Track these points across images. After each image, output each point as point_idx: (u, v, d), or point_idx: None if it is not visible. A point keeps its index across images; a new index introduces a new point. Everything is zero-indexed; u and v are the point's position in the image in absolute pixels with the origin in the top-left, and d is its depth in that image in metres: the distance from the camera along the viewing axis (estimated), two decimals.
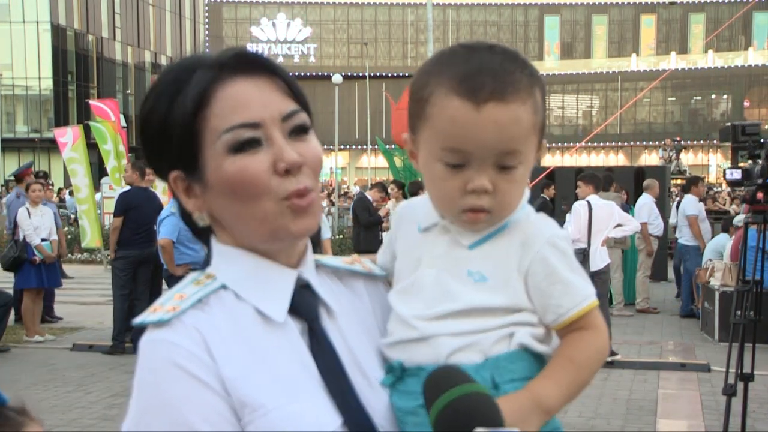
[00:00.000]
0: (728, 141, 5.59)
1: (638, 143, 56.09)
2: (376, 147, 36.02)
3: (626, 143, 56.32)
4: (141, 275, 9.11)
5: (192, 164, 1.19)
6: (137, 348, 1.17)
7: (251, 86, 1.17)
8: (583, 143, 40.70)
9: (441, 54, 1.24)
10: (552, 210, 12.75)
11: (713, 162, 51.55)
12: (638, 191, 12.59)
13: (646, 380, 7.74)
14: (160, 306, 1.16)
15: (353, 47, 61.47)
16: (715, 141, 49.41)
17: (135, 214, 8.96)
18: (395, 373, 1.23)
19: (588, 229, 8.31)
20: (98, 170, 19.22)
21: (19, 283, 9.81)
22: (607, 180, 11.17)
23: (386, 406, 1.22)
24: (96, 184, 16.32)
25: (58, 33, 46.07)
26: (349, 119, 55.02)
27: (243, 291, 1.20)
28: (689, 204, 11.61)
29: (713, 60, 56.93)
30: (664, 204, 13.51)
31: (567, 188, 12.84)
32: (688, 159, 41.04)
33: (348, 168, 56.14)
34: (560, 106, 59.49)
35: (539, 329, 1.24)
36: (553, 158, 50.60)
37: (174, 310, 1.14)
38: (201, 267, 1.28)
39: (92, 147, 15.44)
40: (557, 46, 61.09)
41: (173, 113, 1.17)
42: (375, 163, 49.56)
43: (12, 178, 12.38)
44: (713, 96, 58.10)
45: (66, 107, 46.46)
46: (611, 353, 8.16)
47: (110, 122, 14.90)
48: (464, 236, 1.25)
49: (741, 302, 5.37)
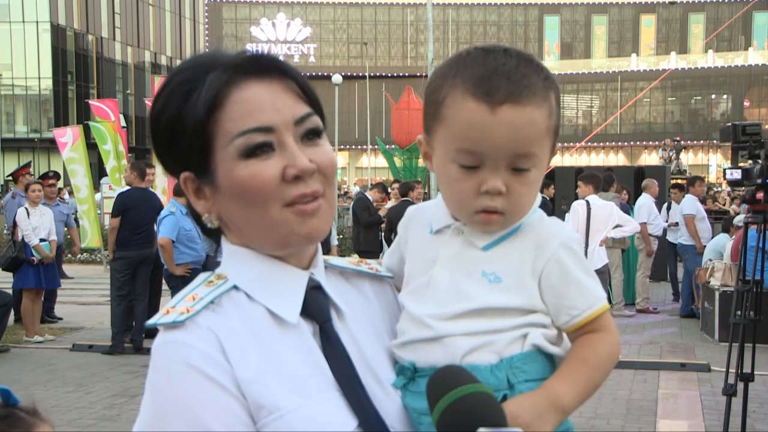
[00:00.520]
0: (729, 141, 5.59)
1: (638, 143, 56.11)
2: (376, 147, 36.03)
3: (626, 143, 56.34)
4: (140, 276, 9.08)
5: (203, 166, 1.18)
6: (137, 348, 1.16)
7: (264, 90, 1.17)
8: (583, 143, 40.71)
9: (457, 56, 1.24)
10: (552, 210, 12.76)
11: (713, 162, 51.54)
12: (638, 191, 12.59)
13: (646, 380, 7.73)
14: (173, 307, 1.16)
15: (353, 47, 61.48)
16: (716, 141, 49.45)
17: (133, 215, 8.91)
18: (407, 374, 1.23)
19: (586, 229, 8.32)
20: (98, 170, 19.22)
21: (18, 283, 9.80)
22: (608, 180, 11.17)
23: (398, 408, 1.22)
24: (96, 184, 16.33)
25: (58, 33, 46.07)
26: (349, 119, 55.05)
27: (255, 292, 1.20)
28: (686, 203, 11.62)
29: (713, 60, 56.94)
30: (664, 204, 13.51)
31: (567, 188, 12.86)
32: (688, 159, 41.07)
33: (348, 168, 56.14)
34: (560, 106, 59.52)
35: (552, 331, 1.24)
36: (553, 158, 50.47)
37: (188, 312, 1.14)
38: (202, 266, 1.28)
39: (92, 147, 15.44)
40: (557, 46, 61.11)
41: (185, 114, 1.17)
42: (375, 163, 49.58)
43: (10, 179, 12.38)
44: (713, 96, 58.11)
45: (66, 107, 46.46)
46: None
47: (110, 122, 14.90)
48: (478, 238, 1.25)
49: (741, 302, 5.37)
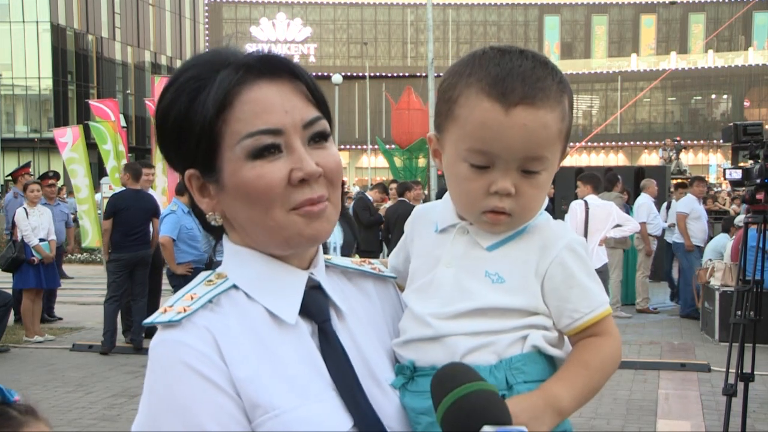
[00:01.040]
0: (731, 141, 5.59)
1: (638, 143, 56.09)
2: (376, 147, 36.03)
3: (626, 143, 56.33)
4: (137, 277, 9.06)
5: (209, 165, 1.18)
6: (136, 348, 1.17)
7: (274, 91, 1.17)
8: (583, 143, 40.71)
9: (472, 56, 1.24)
10: (552, 210, 12.75)
11: (713, 162, 51.52)
12: (639, 191, 12.59)
13: (646, 380, 7.73)
14: (171, 306, 1.16)
15: (353, 47, 61.47)
16: (716, 141, 49.43)
17: (125, 216, 8.86)
18: (406, 374, 1.23)
19: (584, 229, 8.32)
20: (98, 170, 19.20)
21: (18, 284, 9.80)
22: (611, 180, 11.16)
23: (396, 409, 1.22)
24: (96, 184, 16.31)
25: (58, 33, 46.06)
26: (349, 119, 55.05)
27: (254, 292, 1.20)
28: (682, 202, 11.65)
29: (713, 60, 56.92)
30: (663, 203, 13.51)
31: (567, 188, 12.84)
32: (688, 159, 41.07)
33: (348, 168, 56.13)
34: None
35: (553, 333, 1.24)
36: None
37: (185, 311, 1.14)
38: (205, 265, 1.28)
39: (92, 147, 15.42)
40: (557, 46, 61.07)
41: (194, 112, 1.16)
42: (375, 163, 49.57)
43: (10, 179, 12.38)
44: (713, 96, 58.09)
45: (66, 107, 46.45)
46: None
47: (110, 122, 14.89)
48: (483, 238, 1.26)
49: (741, 302, 5.37)
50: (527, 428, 1.06)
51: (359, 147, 53.26)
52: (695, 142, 52.08)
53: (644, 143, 55.52)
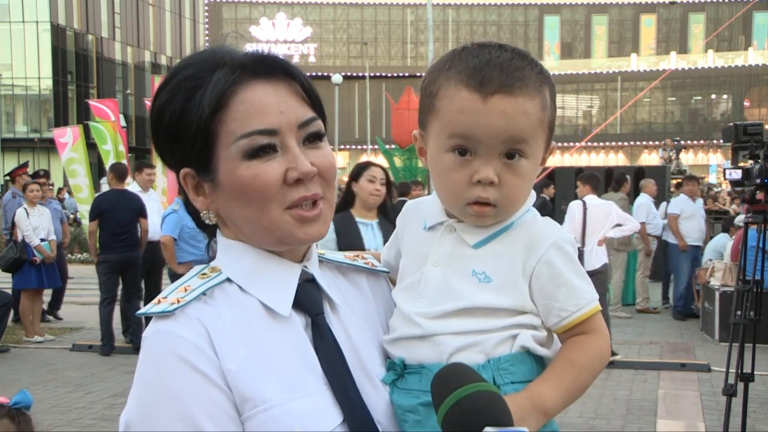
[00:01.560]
0: (731, 141, 5.58)
1: (638, 143, 56.07)
2: (376, 147, 36.01)
3: (626, 143, 56.31)
4: (128, 278, 9.04)
5: (204, 164, 1.19)
6: (136, 348, 1.17)
7: (270, 91, 1.17)
8: (583, 143, 40.69)
9: (452, 52, 1.25)
10: (552, 210, 12.75)
11: (713, 162, 51.52)
12: (638, 191, 12.60)
13: (646, 380, 7.73)
14: (165, 298, 1.17)
15: (353, 47, 61.45)
16: (716, 141, 49.40)
17: (109, 218, 8.87)
18: (396, 371, 1.23)
19: (582, 229, 8.31)
20: (98, 170, 19.21)
21: (19, 284, 9.79)
22: (619, 180, 11.14)
23: (386, 403, 1.23)
24: (96, 184, 16.32)
25: (58, 33, 46.05)
26: (349, 119, 55.03)
27: (248, 285, 1.20)
28: (673, 203, 11.66)
29: (713, 60, 56.89)
30: (662, 203, 13.51)
31: (567, 188, 12.85)
32: (688, 159, 41.05)
33: (348, 168, 56.13)
34: (560, 106, 59.19)
35: (542, 332, 1.24)
36: (553, 158, 50.23)
37: (178, 302, 1.14)
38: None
39: (92, 147, 15.42)
40: (557, 46, 61.06)
41: (189, 111, 1.17)
42: None
43: (8, 179, 12.35)
44: (713, 96, 58.06)
45: (66, 107, 46.43)
46: (612, 353, 8.15)
47: (110, 122, 14.88)
48: (469, 235, 1.25)
49: (741, 302, 5.37)
50: None
51: (359, 147, 53.24)
52: (695, 142, 52.06)
53: (644, 143, 55.50)
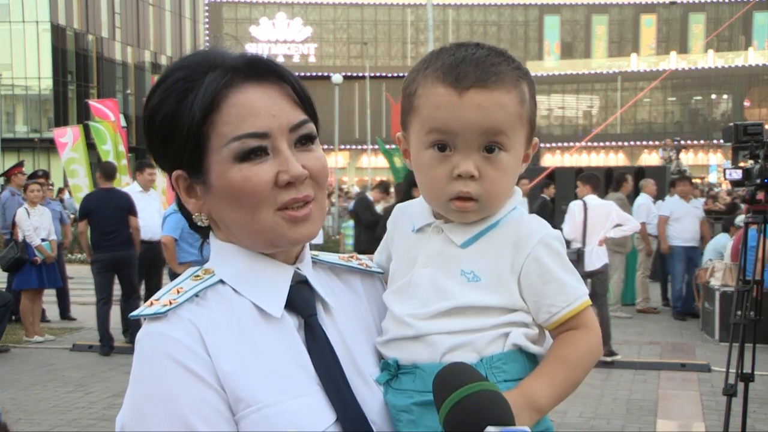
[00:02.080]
0: (731, 141, 5.58)
1: (638, 143, 56.06)
2: (376, 147, 35.99)
3: (626, 143, 56.30)
4: (124, 278, 9.03)
5: (196, 166, 1.19)
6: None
7: (261, 94, 1.17)
8: (583, 143, 40.70)
9: (430, 52, 1.27)
10: (552, 210, 12.76)
11: (713, 162, 51.52)
12: (638, 191, 12.60)
13: (646, 380, 7.73)
14: (157, 300, 1.17)
15: (353, 47, 61.44)
16: (716, 141, 49.39)
17: (96, 217, 8.89)
18: (390, 371, 1.24)
19: (583, 229, 8.30)
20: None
21: (20, 284, 9.79)
22: (618, 180, 11.15)
23: (381, 403, 1.23)
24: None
25: (58, 33, 46.03)
26: (349, 119, 55.02)
27: (240, 286, 1.21)
28: (665, 204, 11.65)
29: (713, 60, 56.88)
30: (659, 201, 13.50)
31: (567, 188, 12.85)
32: (688, 159, 41.03)
33: (348, 168, 56.13)
34: (560, 106, 59.44)
35: (533, 330, 1.24)
36: (553, 158, 50.52)
37: (170, 304, 1.15)
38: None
39: (92, 147, 15.42)
40: (557, 46, 61.05)
41: (181, 114, 1.17)
42: (375, 163, 49.55)
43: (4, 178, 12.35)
44: (713, 96, 58.05)
45: (66, 107, 46.42)
46: (611, 353, 8.15)
47: (110, 122, 14.87)
48: (456, 235, 1.26)
49: (741, 302, 5.36)
50: None
51: (359, 147, 53.24)
52: (695, 142, 52.06)
53: (644, 143, 55.49)
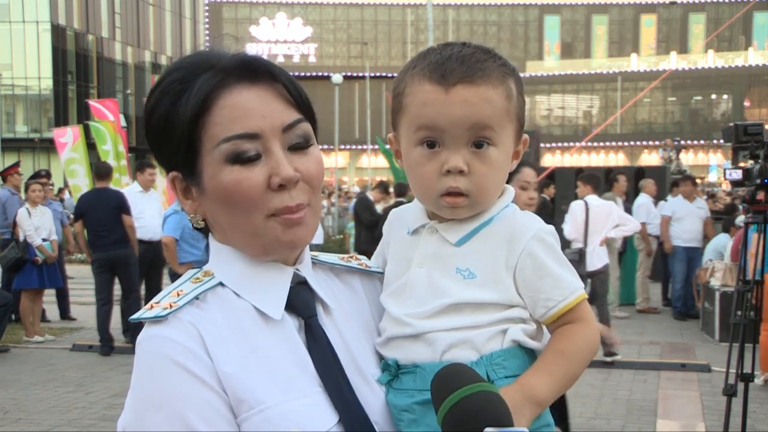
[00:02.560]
0: (731, 141, 5.58)
1: (638, 143, 56.06)
2: (376, 147, 36.00)
3: (626, 143, 56.29)
4: (123, 277, 9.05)
5: (190, 168, 1.19)
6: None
7: (253, 95, 1.17)
8: (583, 143, 40.68)
9: (418, 53, 1.28)
10: (552, 210, 12.74)
11: (713, 162, 51.51)
12: (638, 191, 12.60)
13: (646, 380, 7.73)
14: (157, 303, 1.17)
15: (353, 47, 61.44)
16: (716, 141, 49.37)
17: (89, 218, 8.96)
18: (391, 371, 1.24)
19: (584, 229, 8.31)
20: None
21: (20, 284, 9.80)
22: (610, 180, 11.15)
23: (382, 403, 1.23)
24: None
25: (58, 33, 46.01)
26: (349, 119, 55.01)
27: (240, 288, 1.21)
28: (667, 204, 11.66)
29: (713, 60, 56.87)
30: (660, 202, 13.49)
31: (567, 188, 12.84)
32: (688, 159, 41.02)
33: (348, 168, 56.13)
34: (560, 106, 59.46)
35: (531, 325, 1.25)
36: (553, 158, 50.52)
37: (171, 307, 1.14)
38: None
39: (92, 147, 15.42)
40: (557, 46, 61.04)
41: (174, 115, 1.17)
42: (375, 163, 49.55)
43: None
44: (713, 96, 58.04)
45: (66, 107, 46.41)
46: (611, 353, 8.15)
47: (110, 122, 14.87)
48: (451, 234, 1.26)
49: (741, 302, 5.36)
50: None
51: (359, 147, 53.23)
52: (695, 142, 52.05)
53: (644, 143, 55.48)
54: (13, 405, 6.94)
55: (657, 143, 44.92)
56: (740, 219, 10.47)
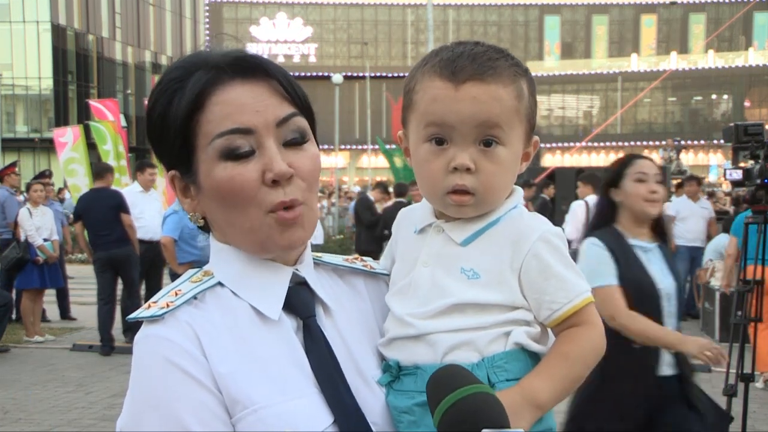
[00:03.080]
0: (731, 141, 5.58)
1: (638, 143, 56.05)
2: (376, 147, 36.00)
3: (626, 143, 56.27)
4: (125, 276, 9.07)
5: (187, 166, 1.20)
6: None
7: (246, 91, 1.16)
8: (583, 143, 40.71)
9: (431, 51, 1.27)
10: (552, 210, 12.75)
11: (713, 162, 51.52)
12: None
13: None
14: (155, 302, 1.17)
15: (353, 47, 61.44)
16: (716, 141, 49.38)
17: (88, 218, 9.01)
18: (392, 373, 1.23)
19: (585, 229, 8.31)
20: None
21: (22, 284, 9.80)
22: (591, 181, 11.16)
23: (382, 405, 1.22)
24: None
25: (58, 33, 46.02)
26: (349, 119, 55.00)
27: (239, 288, 1.20)
28: (671, 204, 11.67)
29: (714, 60, 56.87)
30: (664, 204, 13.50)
31: (567, 188, 12.85)
32: (689, 159, 41.05)
33: (348, 168, 56.14)
34: (560, 106, 59.45)
35: (535, 328, 1.24)
36: (553, 158, 50.52)
37: (168, 306, 1.14)
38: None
39: (93, 147, 15.42)
40: (557, 46, 61.04)
41: (170, 113, 1.18)
42: (375, 163, 49.55)
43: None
44: (713, 96, 58.05)
45: (66, 107, 46.42)
46: None
47: (110, 122, 14.87)
48: (457, 233, 1.26)
49: (741, 302, 5.36)
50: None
51: (359, 147, 53.24)
52: (695, 142, 52.06)
53: (644, 143, 55.49)
54: (13, 405, 6.94)
55: (657, 143, 44.95)
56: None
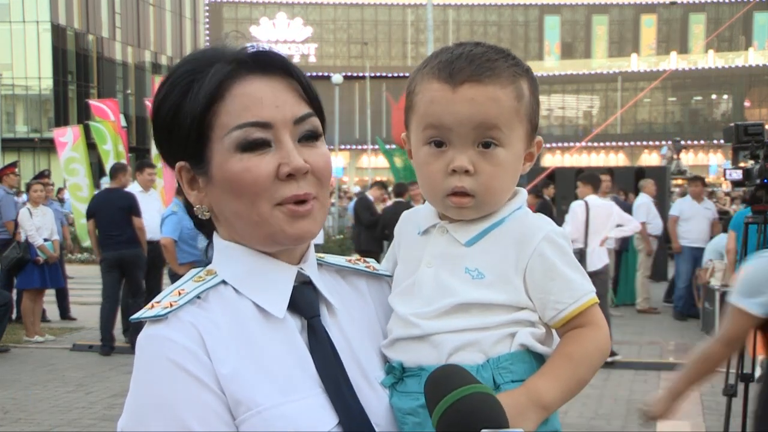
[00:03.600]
0: (731, 141, 5.58)
1: (638, 143, 56.06)
2: (376, 147, 35.99)
3: (626, 143, 56.29)
4: (130, 277, 9.09)
5: (199, 156, 1.19)
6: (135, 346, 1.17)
7: (266, 86, 1.17)
8: (583, 143, 40.68)
9: (433, 52, 1.27)
10: (552, 210, 12.74)
11: (713, 162, 51.51)
12: (638, 191, 12.61)
13: (646, 380, 7.73)
14: (158, 302, 1.16)
15: (353, 47, 61.43)
16: (716, 141, 49.37)
17: (99, 218, 9.05)
18: (395, 374, 1.22)
19: (585, 230, 8.31)
20: (98, 170, 19.20)
21: (22, 284, 9.80)
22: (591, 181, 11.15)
23: (385, 406, 1.21)
24: (96, 184, 16.32)
25: (58, 33, 46.00)
26: (349, 119, 54.99)
27: (243, 287, 1.20)
28: (675, 204, 11.69)
29: (714, 60, 56.86)
30: (664, 204, 13.51)
31: (567, 188, 12.84)
32: (689, 159, 41.04)
33: (348, 168, 56.13)
34: (560, 106, 59.45)
35: (540, 329, 1.23)
36: (553, 158, 50.52)
37: (171, 306, 1.14)
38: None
39: (93, 147, 15.42)
40: (557, 46, 61.03)
41: (186, 104, 1.17)
42: (375, 163, 49.55)
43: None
44: (713, 96, 58.04)
45: (66, 107, 46.40)
46: (612, 353, 8.15)
47: (110, 122, 14.88)
48: (461, 234, 1.25)
49: None
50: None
51: (359, 147, 53.24)
52: (695, 142, 52.05)
53: (644, 143, 55.49)
54: (13, 405, 6.94)
55: (657, 143, 44.93)
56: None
